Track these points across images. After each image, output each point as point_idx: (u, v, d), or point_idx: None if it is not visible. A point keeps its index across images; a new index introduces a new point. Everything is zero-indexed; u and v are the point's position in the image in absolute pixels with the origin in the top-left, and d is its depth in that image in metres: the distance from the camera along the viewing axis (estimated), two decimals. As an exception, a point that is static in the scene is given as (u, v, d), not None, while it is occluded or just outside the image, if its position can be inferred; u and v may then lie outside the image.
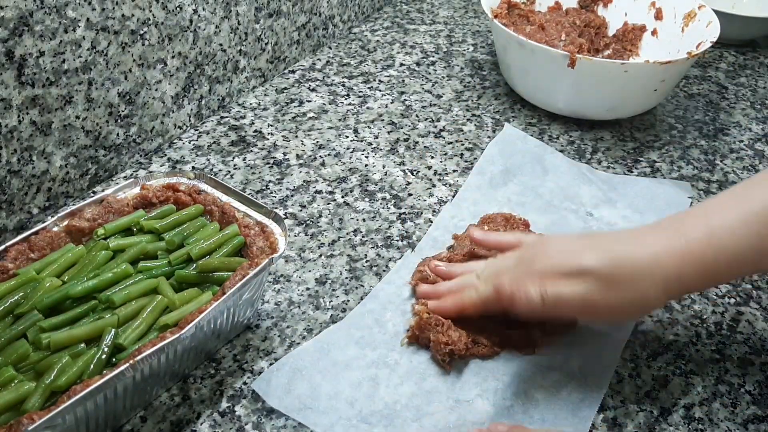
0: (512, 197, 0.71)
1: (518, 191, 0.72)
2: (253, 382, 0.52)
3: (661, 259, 0.48)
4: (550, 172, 0.74)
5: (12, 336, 0.46)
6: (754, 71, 1.02)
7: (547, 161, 0.76)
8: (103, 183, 0.72)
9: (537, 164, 0.75)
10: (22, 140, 0.61)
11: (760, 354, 0.57)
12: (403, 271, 0.62)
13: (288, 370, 0.52)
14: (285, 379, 0.51)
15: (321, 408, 0.50)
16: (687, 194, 0.73)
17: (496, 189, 0.72)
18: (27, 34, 0.58)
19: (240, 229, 0.55)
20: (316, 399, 0.51)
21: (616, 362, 0.55)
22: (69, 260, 0.51)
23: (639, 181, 0.75)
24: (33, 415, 0.40)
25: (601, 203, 0.71)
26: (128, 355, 0.45)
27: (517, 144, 0.78)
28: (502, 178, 0.74)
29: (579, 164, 0.76)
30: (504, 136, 0.79)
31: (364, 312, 0.58)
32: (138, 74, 0.71)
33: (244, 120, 0.83)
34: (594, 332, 0.57)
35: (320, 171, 0.75)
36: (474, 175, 0.74)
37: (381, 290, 0.60)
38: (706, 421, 0.52)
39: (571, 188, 0.73)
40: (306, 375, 0.52)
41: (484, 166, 0.75)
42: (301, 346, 0.54)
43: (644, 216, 0.69)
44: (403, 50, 1.00)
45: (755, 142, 0.85)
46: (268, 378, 0.51)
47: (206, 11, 0.76)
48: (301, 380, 0.52)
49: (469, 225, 0.66)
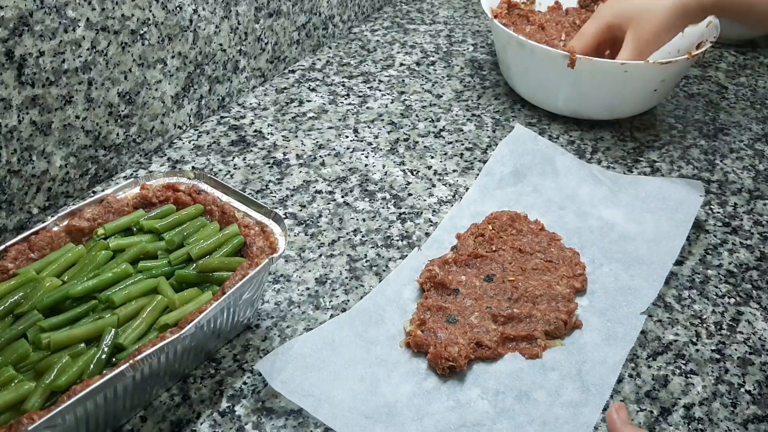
0: (521, 198, 0.71)
1: (527, 192, 0.71)
2: (257, 362, 0.51)
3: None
4: (561, 173, 0.74)
5: (12, 336, 0.46)
6: (754, 71, 1.02)
7: (557, 162, 0.75)
8: (103, 183, 0.72)
9: (547, 165, 0.75)
10: (22, 140, 0.61)
11: (760, 354, 0.57)
12: (406, 269, 0.62)
13: (292, 355, 0.52)
14: (289, 364, 0.51)
15: (322, 397, 0.50)
16: (699, 193, 0.71)
17: (504, 189, 0.72)
18: (27, 33, 0.58)
19: (240, 229, 0.55)
20: (317, 387, 0.50)
21: (620, 365, 0.55)
22: (69, 260, 0.51)
23: (650, 180, 0.74)
24: (33, 414, 0.40)
25: (612, 204, 0.70)
26: (128, 354, 0.45)
27: (528, 144, 0.77)
28: (512, 179, 0.73)
29: (590, 165, 0.76)
30: (514, 136, 0.78)
31: (369, 307, 0.57)
32: (138, 74, 0.71)
33: (244, 120, 0.83)
34: (597, 335, 0.57)
35: (320, 171, 0.75)
36: (483, 176, 0.73)
37: (386, 287, 0.60)
38: (706, 421, 0.52)
39: (581, 189, 0.72)
40: (309, 363, 0.52)
41: (493, 166, 0.74)
42: (305, 334, 0.54)
43: (655, 216, 0.69)
44: (403, 50, 1.00)
45: (755, 142, 0.85)
46: (272, 360, 0.51)
47: (206, 11, 0.76)
48: (303, 367, 0.51)
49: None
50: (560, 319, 0.57)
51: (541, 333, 0.56)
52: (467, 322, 0.56)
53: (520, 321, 0.57)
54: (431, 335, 0.55)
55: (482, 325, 0.56)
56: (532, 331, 0.56)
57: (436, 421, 0.50)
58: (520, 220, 0.67)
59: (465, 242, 0.64)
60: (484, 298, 0.59)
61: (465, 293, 0.59)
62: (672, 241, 0.66)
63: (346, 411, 0.49)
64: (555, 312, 0.58)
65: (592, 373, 0.54)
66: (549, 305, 0.58)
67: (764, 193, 0.76)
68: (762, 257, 0.67)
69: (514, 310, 0.57)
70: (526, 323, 0.57)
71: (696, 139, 0.85)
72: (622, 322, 0.58)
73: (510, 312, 0.57)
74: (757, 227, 0.71)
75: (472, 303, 0.58)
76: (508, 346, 0.56)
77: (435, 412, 0.51)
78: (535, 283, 0.60)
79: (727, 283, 0.64)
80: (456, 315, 0.57)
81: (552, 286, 0.60)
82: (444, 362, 0.53)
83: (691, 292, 0.63)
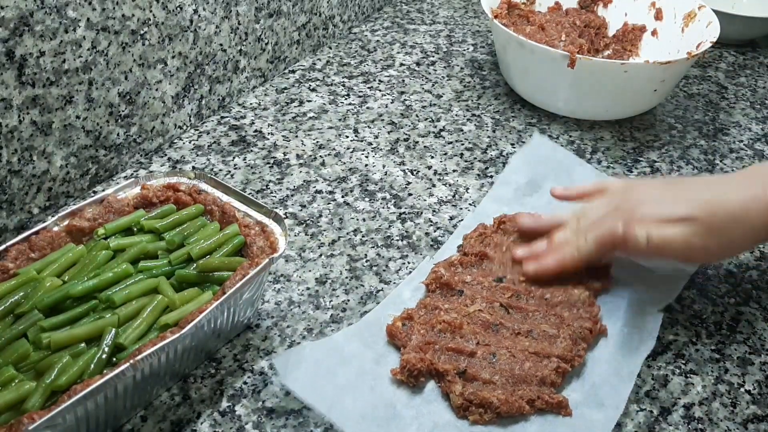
0: (536, 208, 0.69)
1: (543, 204, 0.69)
2: (274, 358, 0.52)
3: (750, 207, 0.52)
4: (578, 184, 0.71)
5: (12, 336, 0.46)
6: (753, 71, 1.02)
7: (575, 173, 0.73)
8: (104, 183, 0.72)
9: (564, 175, 0.73)
10: (22, 140, 0.61)
11: (760, 354, 0.58)
12: (416, 279, 0.61)
13: (304, 356, 0.52)
14: (302, 365, 0.51)
15: (334, 400, 0.50)
16: None
17: (519, 200, 0.70)
18: (27, 34, 0.58)
19: (240, 229, 0.55)
20: (328, 392, 0.50)
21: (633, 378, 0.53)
22: (69, 260, 0.51)
23: None
24: (33, 414, 0.40)
25: None
26: (128, 354, 0.45)
27: (545, 153, 0.76)
28: (528, 189, 0.72)
29: (608, 177, 0.74)
30: (531, 147, 0.77)
31: (379, 318, 0.57)
32: (138, 74, 0.71)
33: (245, 120, 0.83)
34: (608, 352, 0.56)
35: (320, 171, 0.75)
36: (498, 185, 0.72)
37: (396, 297, 0.59)
38: (705, 421, 0.52)
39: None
40: (320, 368, 0.51)
41: (508, 175, 0.73)
42: (317, 341, 0.54)
43: None
44: (403, 50, 1.00)
45: (755, 142, 0.85)
46: (286, 358, 0.51)
47: (206, 11, 0.76)
48: (315, 371, 0.51)
49: (516, 214, 0.65)
50: (585, 327, 0.55)
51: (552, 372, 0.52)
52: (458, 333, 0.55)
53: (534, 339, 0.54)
54: (407, 333, 0.54)
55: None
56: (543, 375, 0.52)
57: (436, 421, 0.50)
58: None
59: (470, 242, 0.63)
60: (492, 301, 0.57)
61: (470, 294, 0.58)
62: None
63: (358, 417, 0.49)
64: (578, 320, 0.55)
65: (604, 386, 0.53)
66: (571, 313, 0.56)
67: (764, 193, 0.76)
68: (762, 257, 0.67)
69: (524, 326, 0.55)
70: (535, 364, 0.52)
71: (696, 139, 0.85)
72: (639, 327, 0.57)
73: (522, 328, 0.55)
74: (757, 227, 0.71)
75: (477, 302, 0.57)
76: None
77: (435, 412, 0.51)
78: (551, 288, 0.59)
79: (726, 283, 0.64)
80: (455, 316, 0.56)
81: (568, 291, 0.58)
82: (403, 370, 0.52)
83: (691, 292, 0.63)
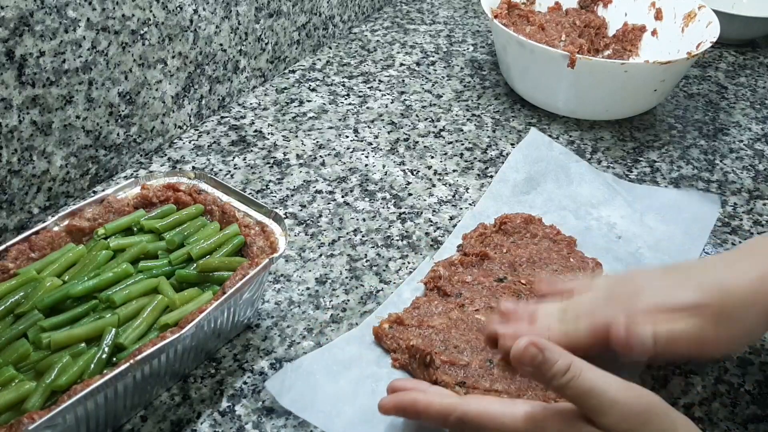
0: (534, 206, 0.70)
1: (541, 202, 0.70)
2: (267, 381, 0.51)
3: (758, 289, 0.46)
4: (575, 182, 0.73)
5: (12, 336, 0.46)
6: (753, 71, 1.02)
7: (572, 170, 0.74)
8: (104, 183, 0.72)
9: (561, 173, 0.74)
10: (22, 140, 0.61)
11: (760, 354, 0.57)
12: (416, 280, 0.61)
13: (301, 373, 0.52)
14: (298, 382, 0.51)
15: (333, 412, 0.49)
16: (717, 207, 0.71)
17: (518, 197, 0.71)
18: (27, 33, 0.58)
19: (240, 229, 0.55)
20: (327, 403, 0.50)
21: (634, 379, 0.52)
22: (69, 260, 0.51)
23: (666, 192, 0.74)
24: (33, 414, 0.40)
25: (626, 215, 0.70)
26: (129, 354, 0.45)
27: (542, 150, 0.76)
28: (525, 186, 0.72)
29: (604, 174, 0.75)
30: (529, 142, 0.77)
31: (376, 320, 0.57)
32: (138, 74, 0.71)
33: (245, 120, 0.83)
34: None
35: (320, 171, 0.75)
36: (497, 182, 0.73)
37: (396, 299, 0.59)
38: (705, 421, 0.52)
39: (595, 198, 0.71)
40: (319, 380, 0.51)
41: (507, 173, 0.74)
42: (315, 352, 0.54)
43: (670, 227, 0.68)
44: (403, 50, 1.00)
45: (755, 142, 0.85)
46: (281, 378, 0.51)
47: (206, 11, 0.76)
48: (313, 385, 0.51)
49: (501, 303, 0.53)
50: None
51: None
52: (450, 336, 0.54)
53: None
54: (393, 336, 0.54)
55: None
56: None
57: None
58: (535, 224, 0.65)
59: (470, 242, 0.63)
60: (492, 301, 0.57)
61: (468, 296, 0.58)
62: (687, 253, 0.65)
63: (358, 425, 0.49)
64: None
65: None
66: None
67: (764, 193, 0.76)
68: (762, 257, 0.67)
69: None
70: None
71: (696, 139, 0.85)
72: None
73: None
74: (757, 227, 0.71)
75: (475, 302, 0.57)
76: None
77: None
78: None
79: None
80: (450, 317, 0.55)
81: None
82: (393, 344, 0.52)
83: (691, 292, 0.63)
